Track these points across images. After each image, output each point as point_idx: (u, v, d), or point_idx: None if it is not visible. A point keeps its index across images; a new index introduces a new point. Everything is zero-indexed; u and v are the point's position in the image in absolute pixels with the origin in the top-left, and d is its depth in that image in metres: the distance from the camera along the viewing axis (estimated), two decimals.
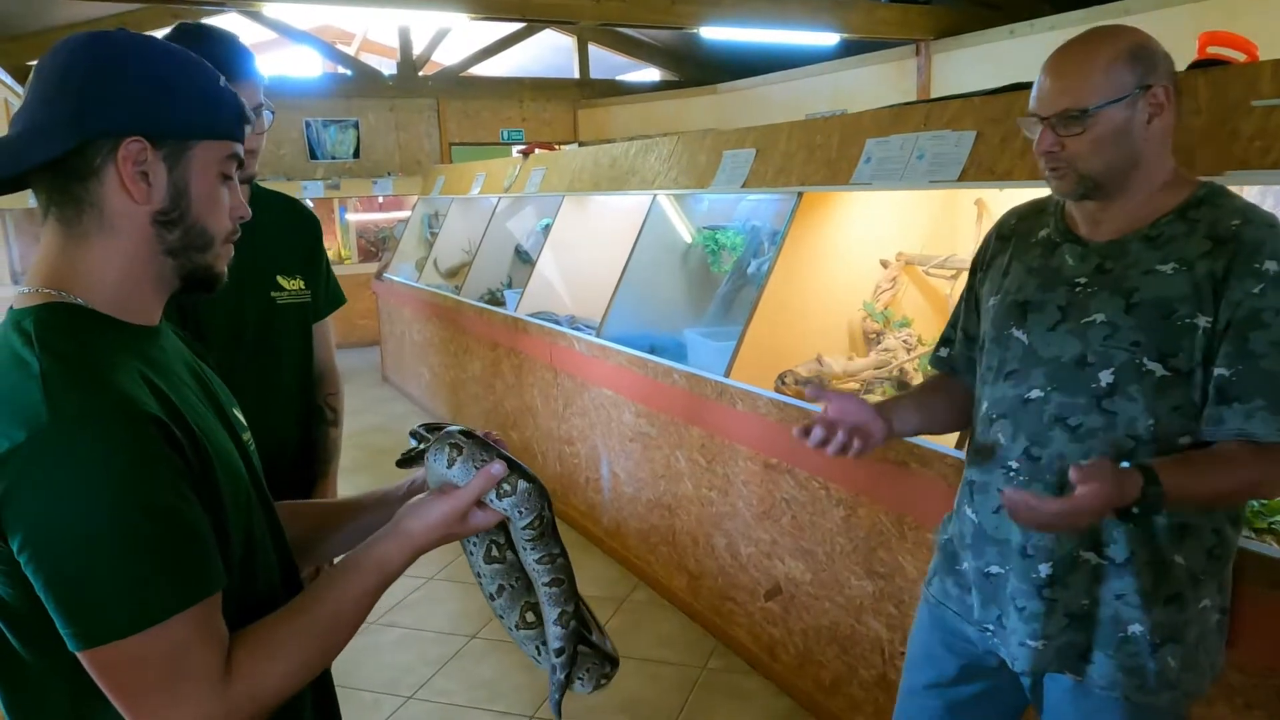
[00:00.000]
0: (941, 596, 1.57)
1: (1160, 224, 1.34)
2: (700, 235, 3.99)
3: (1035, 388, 1.38)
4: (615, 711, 2.78)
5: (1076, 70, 1.31)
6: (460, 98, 10.38)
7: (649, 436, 3.50)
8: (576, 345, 4.01)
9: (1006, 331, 1.44)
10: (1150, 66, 1.30)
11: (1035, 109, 1.35)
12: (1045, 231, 1.47)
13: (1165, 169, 1.37)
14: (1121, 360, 1.31)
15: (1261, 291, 1.24)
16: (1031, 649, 1.40)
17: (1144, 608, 1.34)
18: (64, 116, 0.87)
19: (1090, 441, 1.33)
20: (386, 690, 2.95)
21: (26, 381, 0.82)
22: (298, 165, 9.55)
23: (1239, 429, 1.26)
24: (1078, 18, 6.24)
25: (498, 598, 1.07)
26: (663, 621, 3.33)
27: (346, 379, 2.13)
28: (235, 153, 0.96)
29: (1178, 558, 1.34)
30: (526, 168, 5.33)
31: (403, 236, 7.41)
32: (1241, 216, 1.30)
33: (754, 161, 3.21)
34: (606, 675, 1.11)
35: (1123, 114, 1.30)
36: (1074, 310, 1.36)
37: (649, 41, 11.12)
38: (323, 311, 1.97)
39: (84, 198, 0.89)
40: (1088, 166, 1.32)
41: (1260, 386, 1.24)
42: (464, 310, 5.42)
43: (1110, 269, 1.35)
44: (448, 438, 1.01)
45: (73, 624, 0.81)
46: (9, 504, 0.79)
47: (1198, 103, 1.85)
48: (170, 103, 0.90)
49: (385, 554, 0.98)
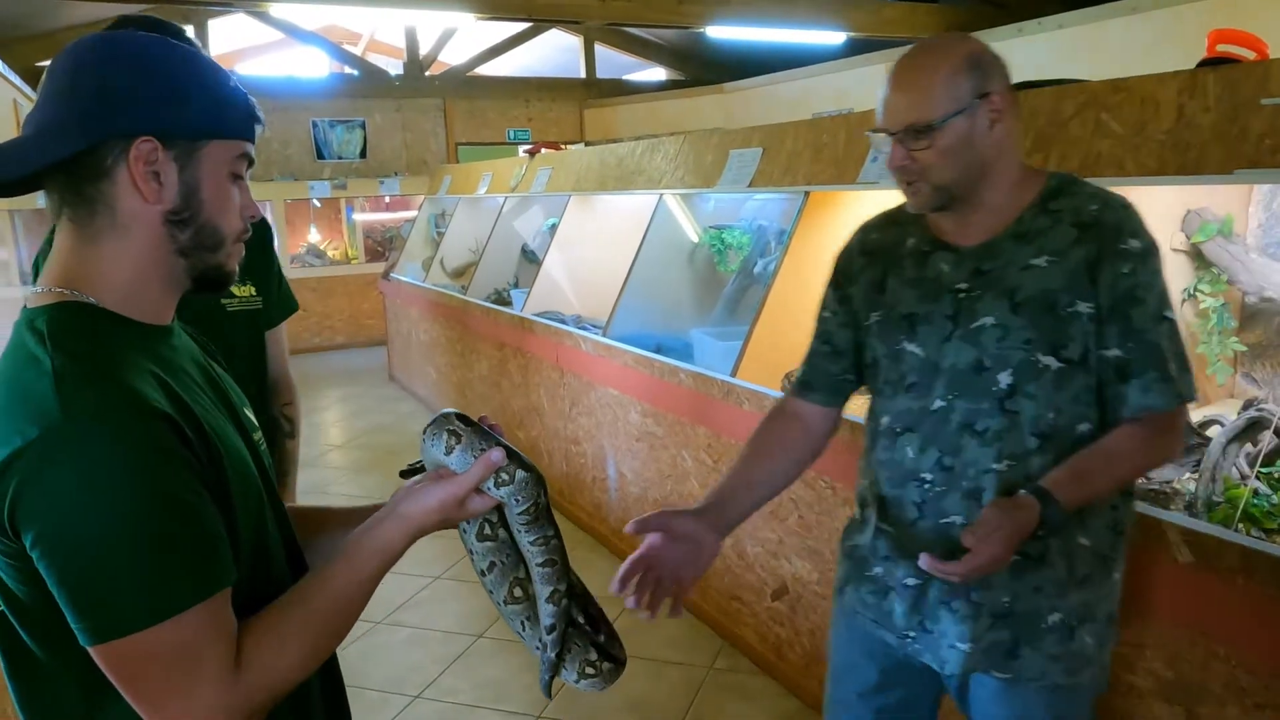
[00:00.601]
0: (857, 605, 1.55)
1: (1024, 219, 1.38)
2: (706, 235, 3.99)
3: (938, 398, 1.39)
4: (622, 711, 2.78)
5: (918, 85, 1.33)
6: (466, 97, 10.39)
7: (655, 436, 3.50)
8: (583, 345, 4.01)
9: (898, 346, 1.44)
10: (986, 75, 1.34)
11: (882, 124, 1.37)
12: (912, 241, 1.48)
13: (1014, 168, 1.40)
14: (1018, 360, 1.34)
15: (1132, 270, 1.31)
16: (962, 651, 1.41)
17: (1060, 595, 1.38)
18: (75, 117, 0.87)
19: (998, 444, 1.36)
20: (394, 689, 2.96)
21: (39, 379, 0.83)
22: (305, 165, 9.56)
23: (1141, 404, 1.32)
24: (1085, 15, 6.22)
25: (488, 574, 1.08)
26: (669, 622, 3.30)
27: (354, 379, 2.13)
28: (246, 152, 0.96)
29: (1084, 540, 1.38)
30: (533, 167, 5.33)
31: (409, 236, 7.41)
32: (1098, 201, 1.36)
33: (760, 161, 3.21)
34: (592, 664, 1.11)
35: (965, 124, 1.32)
36: (963, 317, 1.38)
37: (655, 41, 11.12)
38: (275, 318, 1.94)
39: (96, 198, 0.90)
40: (940, 178, 1.35)
41: (1150, 359, 1.31)
42: (470, 310, 5.43)
43: (988, 270, 1.38)
44: (445, 423, 1.01)
45: (85, 619, 0.81)
46: (21, 501, 0.80)
47: (1207, 101, 1.85)
48: (181, 103, 0.90)
49: (386, 538, 0.98)
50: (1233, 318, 2.40)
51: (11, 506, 0.80)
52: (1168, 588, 1.71)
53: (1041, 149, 2.20)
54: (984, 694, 1.44)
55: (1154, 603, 1.74)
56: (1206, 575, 1.64)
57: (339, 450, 5.84)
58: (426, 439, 1.02)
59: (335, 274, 9.37)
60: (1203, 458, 2.02)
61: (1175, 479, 2.10)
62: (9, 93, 3.79)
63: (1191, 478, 2.07)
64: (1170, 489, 2.03)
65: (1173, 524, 1.69)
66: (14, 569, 0.84)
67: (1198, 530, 1.66)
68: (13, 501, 0.80)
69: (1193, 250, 2.40)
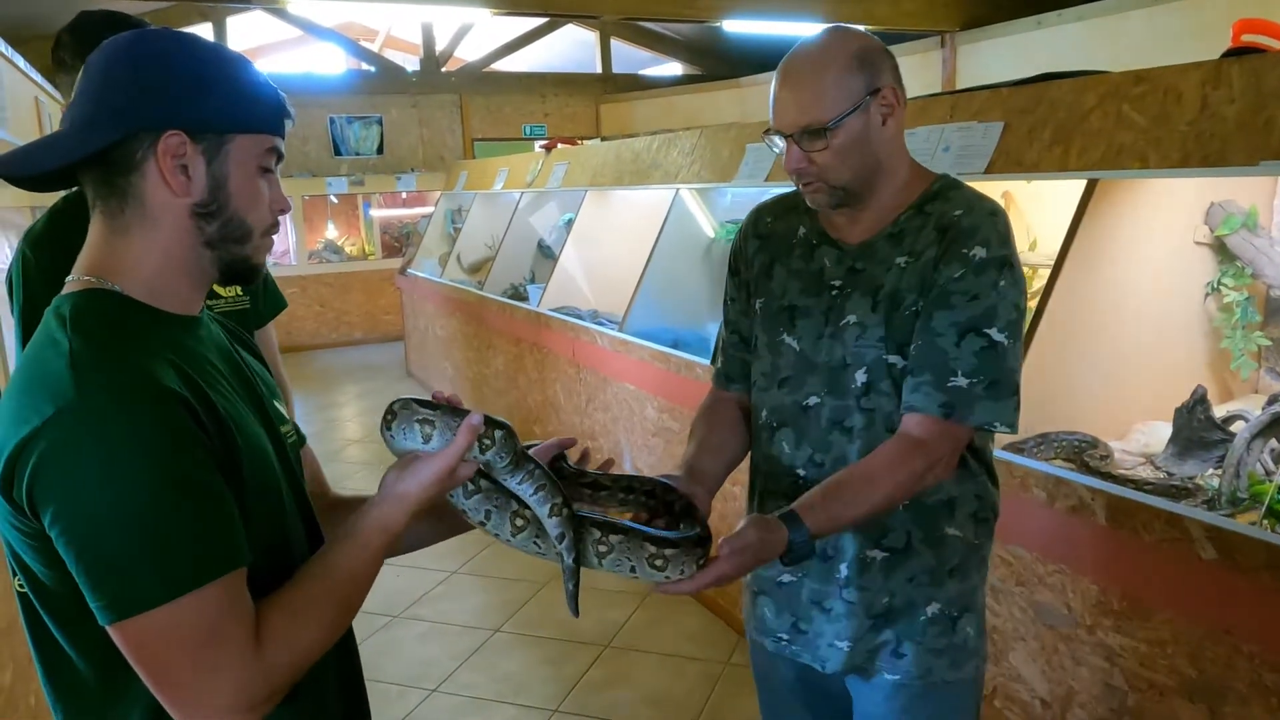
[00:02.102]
0: (754, 632, 1.53)
1: (900, 220, 1.36)
2: (723, 229, 3.98)
3: (812, 394, 1.38)
4: (640, 705, 2.78)
5: (809, 85, 1.29)
6: (483, 93, 10.40)
7: (672, 431, 3.49)
8: (599, 340, 4.01)
9: (778, 338, 1.43)
10: (876, 70, 1.31)
11: (777, 126, 1.34)
12: (803, 231, 1.46)
13: (904, 166, 1.38)
14: (871, 358, 1.33)
15: (961, 276, 1.27)
16: (841, 650, 1.39)
17: (934, 584, 1.37)
18: (106, 112, 0.90)
19: (858, 442, 1.34)
20: (411, 683, 2.97)
21: (56, 359, 0.85)
22: (322, 162, 9.61)
23: (906, 401, 1.29)
24: (1106, 7, 6.16)
25: (488, 521, 1.10)
26: (686, 617, 3.32)
27: (371, 374, 2.13)
28: (275, 146, 0.97)
29: (950, 530, 1.36)
30: (549, 163, 5.33)
31: (426, 232, 7.44)
32: (965, 206, 1.33)
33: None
34: (656, 556, 1.13)
35: (859, 122, 1.30)
36: (834, 314, 1.37)
37: (671, 35, 11.09)
38: (265, 317, 1.93)
39: (126, 190, 0.92)
40: (838, 177, 1.32)
41: (930, 362, 1.27)
42: (487, 305, 5.44)
43: (861, 269, 1.36)
44: (410, 414, 1.02)
45: (101, 596, 0.82)
46: (39, 479, 0.81)
47: (1232, 91, 1.82)
48: (209, 97, 0.92)
49: (387, 516, 0.99)
50: (1257, 312, 2.37)
51: (30, 485, 0.81)
52: (1190, 585, 1.69)
53: (1061, 142, 2.18)
54: (873, 696, 1.41)
55: (1176, 600, 1.72)
56: (1230, 572, 1.62)
57: (357, 445, 5.86)
58: (396, 434, 1.02)
59: (353, 270, 9.41)
60: (1226, 453, 2.00)
61: (1198, 475, 2.08)
62: (30, 90, 3.82)
63: (1215, 474, 2.05)
64: (1193, 485, 2.01)
65: (1196, 520, 1.67)
66: (34, 549, 0.86)
67: (1221, 527, 1.64)
68: (31, 479, 0.81)
69: (1216, 243, 2.37)
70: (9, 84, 3.27)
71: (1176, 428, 2.16)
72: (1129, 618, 1.82)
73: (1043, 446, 2.20)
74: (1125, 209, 2.21)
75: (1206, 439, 2.10)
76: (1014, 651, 2.07)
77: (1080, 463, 2.12)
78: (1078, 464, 2.12)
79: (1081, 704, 1.94)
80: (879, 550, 1.36)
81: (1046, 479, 1.95)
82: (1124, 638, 1.83)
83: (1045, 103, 2.26)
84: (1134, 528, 1.78)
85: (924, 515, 1.35)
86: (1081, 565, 1.91)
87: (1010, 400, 1.28)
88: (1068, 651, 1.95)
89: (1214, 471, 2.06)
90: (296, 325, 8.83)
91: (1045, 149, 2.20)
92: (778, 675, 1.53)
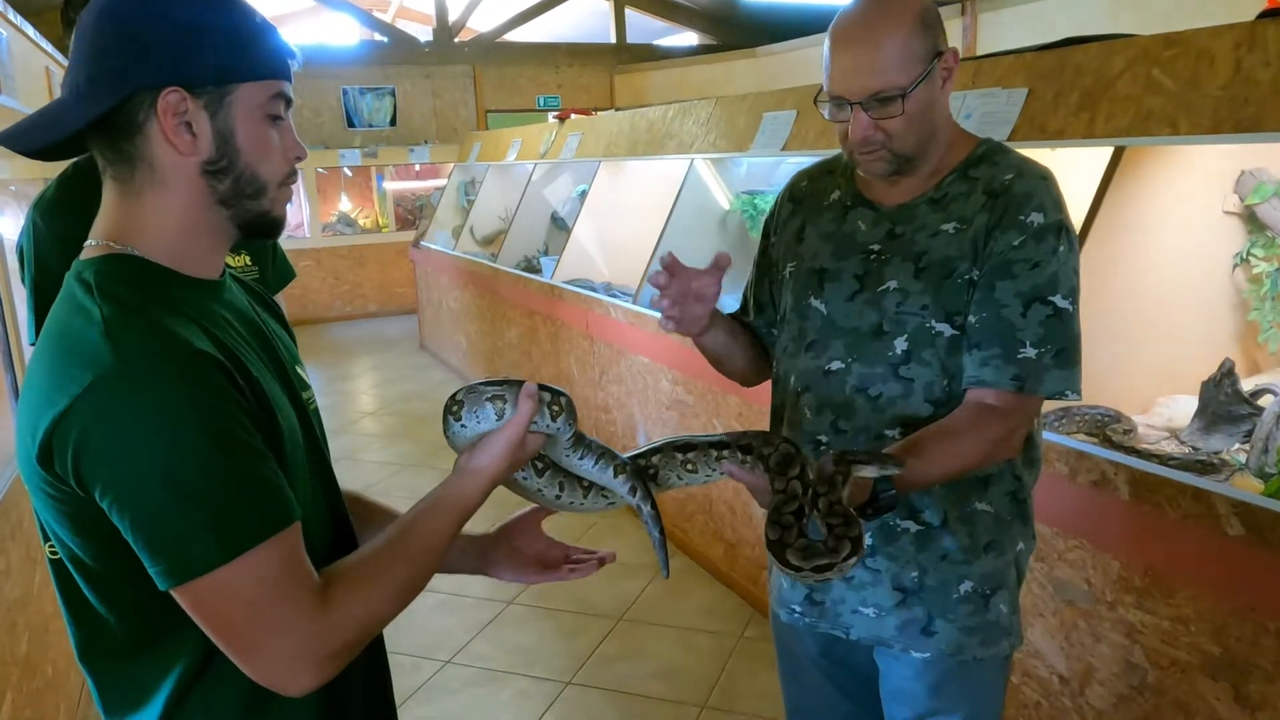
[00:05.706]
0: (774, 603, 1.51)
1: (944, 184, 1.33)
2: (739, 200, 3.93)
3: (836, 359, 1.35)
4: (653, 679, 2.78)
5: (881, 47, 1.22)
6: (496, 64, 10.31)
7: (686, 404, 3.47)
8: (613, 312, 3.98)
9: (805, 301, 1.40)
10: (938, 30, 1.26)
11: (839, 91, 1.26)
12: (837, 194, 1.42)
13: (950, 130, 1.34)
14: (914, 326, 1.30)
15: (1021, 244, 1.24)
16: (866, 616, 1.38)
17: (967, 562, 1.34)
18: (100, 76, 0.87)
19: (890, 411, 1.31)
20: (425, 655, 2.98)
21: (89, 328, 0.83)
22: (336, 134, 9.57)
23: (973, 375, 1.26)
24: None
25: (563, 494, 1.15)
26: (700, 590, 3.32)
27: (385, 346, 2.12)
28: (282, 91, 0.93)
29: (982, 505, 1.34)
30: (562, 133, 5.28)
31: (439, 204, 7.40)
32: (1015, 171, 1.29)
33: (795, 123, 3.13)
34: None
35: (928, 87, 1.25)
36: (870, 279, 1.33)
37: (687, 4, 10.95)
38: (273, 288, 1.92)
39: (134, 154, 0.89)
40: (904, 145, 1.27)
41: (997, 334, 1.25)
42: (500, 278, 5.41)
43: (901, 234, 1.33)
44: (478, 396, 1.01)
45: (160, 561, 0.81)
46: (85, 451, 0.80)
47: (1267, 54, 1.76)
48: (203, 48, 0.88)
49: (464, 491, 0.99)
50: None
51: (75, 458, 0.80)
52: (1216, 561, 1.66)
53: (1088, 108, 2.12)
54: (903, 672, 1.40)
55: (1201, 577, 1.69)
56: (1257, 549, 1.58)
57: (370, 417, 5.88)
58: (467, 421, 1.01)
59: (366, 242, 9.40)
60: (1255, 427, 1.96)
61: (1225, 449, 2.04)
62: (41, 60, 3.80)
63: (1242, 448, 2.01)
64: (1219, 460, 1.97)
65: (1222, 495, 1.64)
66: (69, 518, 0.85)
67: (1249, 502, 1.61)
68: (75, 453, 0.80)
69: (1246, 213, 2.31)
70: (19, 54, 3.25)
71: (1203, 401, 2.11)
72: (1151, 594, 1.79)
73: (1064, 420, 2.17)
74: (1153, 177, 2.16)
75: (1234, 413, 2.06)
76: (1032, 628, 2.04)
77: (1103, 437, 2.08)
78: (1100, 438, 2.08)
79: (1101, 681, 1.91)
80: (913, 523, 1.34)
81: (1068, 453, 1.91)
82: (1145, 614, 1.80)
83: (1071, 67, 2.20)
84: (1158, 503, 1.74)
85: (956, 490, 1.33)
86: (1103, 541, 1.88)
87: (1077, 367, 1.27)
88: (1087, 628, 1.93)
89: (1241, 446, 2.02)
90: (310, 298, 8.85)
91: (1071, 115, 2.14)
92: (801, 648, 1.52)
